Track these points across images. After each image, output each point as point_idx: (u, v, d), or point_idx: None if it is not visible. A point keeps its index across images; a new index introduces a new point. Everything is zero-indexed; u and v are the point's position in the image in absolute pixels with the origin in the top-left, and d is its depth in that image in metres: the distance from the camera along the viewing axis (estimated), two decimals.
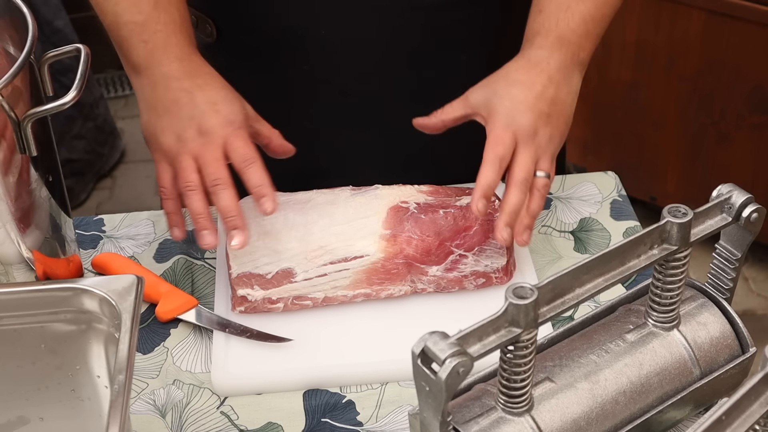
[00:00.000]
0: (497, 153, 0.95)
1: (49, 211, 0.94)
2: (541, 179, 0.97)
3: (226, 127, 0.96)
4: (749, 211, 0.76)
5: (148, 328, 0.99)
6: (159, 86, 0.98)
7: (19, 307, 0.80)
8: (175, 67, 0.99)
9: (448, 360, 0.63)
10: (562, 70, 0.99)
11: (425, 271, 0.98)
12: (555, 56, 0.99)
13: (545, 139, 0.97)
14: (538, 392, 0.74)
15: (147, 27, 0.98)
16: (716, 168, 2.25)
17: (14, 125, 0.84)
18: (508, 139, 0.95)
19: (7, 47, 0.93)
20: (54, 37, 2.41)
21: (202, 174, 0.95)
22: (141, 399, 0.92)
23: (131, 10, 0.98)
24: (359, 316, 0.98)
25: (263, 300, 0.97)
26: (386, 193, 1.01)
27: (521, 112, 0.96)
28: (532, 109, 0.97)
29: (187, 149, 0.96)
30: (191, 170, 0.95)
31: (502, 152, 0.95)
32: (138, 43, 0.99)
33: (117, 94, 3.07)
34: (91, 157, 2.67)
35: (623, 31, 2.19)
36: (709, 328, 0.81)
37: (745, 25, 2.02)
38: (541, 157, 0.97)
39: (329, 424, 0.89)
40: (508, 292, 0.67)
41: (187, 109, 0.97)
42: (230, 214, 0.94)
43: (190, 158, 0.96)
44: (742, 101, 2.12)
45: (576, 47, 1.00)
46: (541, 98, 0.97)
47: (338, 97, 1.14)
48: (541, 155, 0.97)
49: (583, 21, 1.00)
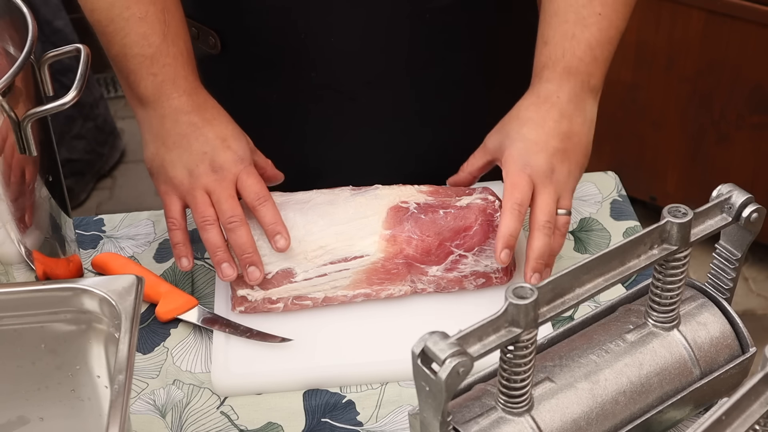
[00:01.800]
0: (515, 199, 0.94)
1: (49, 211, 0.94)
2: (563, 217, 0.96)
3: (238, 164, 0.98)
4: (749, 211, 0.76)
5: (148, 328, 0.99)
6: (168, 119, 0.99)
7: (19, 307, 0.80)
8: (185, 101, 0.99)
9: (448, 360, 0.63)
10: (573, 100, 0.98)
11: (425, 271, 0.98)
12: (565, 88, 0.98)
13: (564, 176, 0.96)
14: (538, 392, 0.74)
15: (156, 60, 0.98)
16: (716, 168, 2.25)
17: (14, 125, 0.84)
18: (524, 183, 0.95)
19: (7, 47, 0.93)
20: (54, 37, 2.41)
21: (215, 209, 0.97)
22: (141, 399, 0.92)
23: (141, 43, 0.98)
24: (359, 316, 0.98)
25: (263, 300, 0.97)
26: (386, 193, 1.01)
27: (535, 153, 0.96)
28: (545, 148, 0.96)
29: (199, 184, 0.97)
30: (207, 205, 0.97)
31: (519, 198, 0.94)
32: (147, 76, 0.99)
33: (117, 94, 3.07)
34: (91, 157, 2.67)
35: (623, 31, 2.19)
36: (709, 328, 0.81)
37: (745, 25, 2.02)
38: (562, 195, 0.96)
39: (329, 424, 0.89)
40: (508, 292, 0.67)
41: (197, 144, 0.98)
42: (247, 252, 0.96)
43: (203, 193, 0.97)
44: (742, 101, 2.12)
45: (585, 75, 0.99)
46: (554, 135, 0.97)
47: (340, 101, 1.14)
48: (562, 192, 0.96)
49: (589, 48, 0.99)
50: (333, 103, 1.14)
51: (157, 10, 0.98)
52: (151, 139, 1.00)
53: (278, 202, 1.00)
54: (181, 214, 0.99)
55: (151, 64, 0.98)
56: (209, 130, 0.99)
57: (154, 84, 0.99)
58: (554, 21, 1.00)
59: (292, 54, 1.11)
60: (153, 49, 0.98)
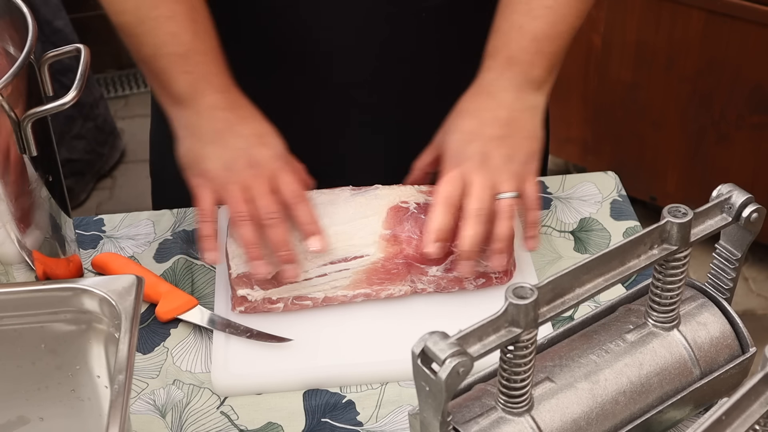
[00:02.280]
0: (444, 193, 0.95)
1: (49, 211, 0.94)
2: (504, 201, 0.96)
3: (275, 161, 0.98)
4: (749, 211, 0.76)
5: (148, 328, 0.99)
6: (203, 116, 0.99)
7: (19, 307, 0.80)
8: (219, 98, 0.99)
9: (448, 360, 0.63)
10: (512, 90, 0.99)
11: (425, 271, 0.98)
12: (505, 76, 1.00)
13: (501, 161, 0.97)
14: (538, 392, 0.74)
15: (189, 58, 0.98)
16: (716, 168, 2.24)
17: (14, 125, 0.84)
18: (455, 176, 0.96)
19: (7, 47, 0.93)
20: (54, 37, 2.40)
21: (252, 205, 0.96)
22: (141, 399, 0.92)
23: (172, 42, 0.98)
24: (359, 316, 0.98)
25: (263, 300, 0.97)
26: (386, 193, 1.01)
27: (468, 143, 0.97)
28: (479, 136, 0.97)
29: (236, 179, 0.97)
30: (242, 200, 0.96)
31: (449, 191, 0.95)
32: (180, 75, 0.99)
33: (117, 94, 3.06)
34: (91, 157, 2.67)
35: (623, 31, 2.19)
36: (709, 328, 0.81)
37: (745, 25, 2.02)
38: (500, 180, 0.96)
39: (329, 424, 0.89)
40: (508, 292, 0.67)
41: (234, 140, 0.98)
42: (284, 249, 0.95)
43: (239, 188, 0.97)
44: (742, 101, 2.12)
45: (527, 65, 1.00)
46: (489, 123, 0.98)
47: (340, 100, 1.14)
48: (500, 177, 0.96)
49: (534, 39, 0.99)
50: (329, 102, 1.14)
51: (184, 9, 0.98)
52: (186, 135, 1.00)
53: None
54: (212, 207, 0.98)
55: (184, 63, 0.98)
56: (245, 127, 0.99)
57: (188, 82, 0.99)
58: (506, 11, 1.01)
59: (288, 53, 1.11)
60: (185, 47, 0.98)
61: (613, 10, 2.18)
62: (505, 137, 0.98)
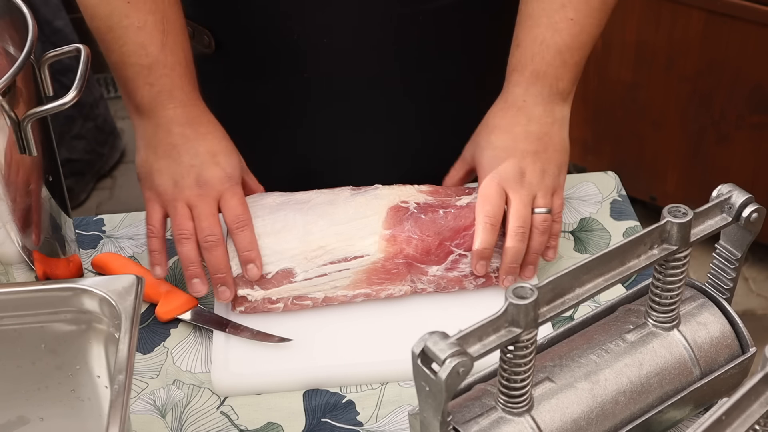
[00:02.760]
0: (486, 212, 0.96)
1: (49, 211, 0.94)
2: (539, 216, 0.97)
3: (224, 182, 0.98)
4: (749, 211, 0.76)
5: (148, 328, 0.99)
6: (161, 129, 0.99)
7: (19, 307, 0.80)
8: (179, 113, 0.99)
9: (448, 360, 0.63)
10: (540, 103, 1.00)
11: (425, 271, 0.98)
12: (531, 91, 1.00)
13: (536, 177, 0.98)
14: (538, 392, 0.74)
15: (153, 70, 0.98)
16: (716, 168, 2.24)
17: (14, 125, 0.84)
18: (494, 193, 0.97)
19: (7, 47, 0.93)
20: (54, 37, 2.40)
21: (196, 223, 0.97)
22: (141, 399, 0.92)
23: (138, 53, 0.98)
24: (359, 316, 0.98)
25: (263, 300, 0.97)
26: (386, 193, 1.01)
27: (503, 160, 0.98)
28: (513, 153, 0.98)
29: (183, 196, 0.97)
30: (186, 218, 0.97)
31: (491, 210, 0.96)
32: (143, 86, 0.99)
33: (117, 94, 3.06)
34: (91, 157, 2.67)
35: (623, 31, 2.19)
36: (709, 328, 0.81)
37: (745, 25, 2.02)
38: (537, 195, 0.98)
39: (329, 424, 0.89)
40: (508, 292, 0.67)
41: (187, 156, 0.98)
42: (220, 272, 0.96)
43: (185, 205, 0.97)
44: (742, 101, 2.12)
45: (553, 79, 1.00)
46: (522, 138, 0.99)
47: (338, 101, 1.14)
48: (537, 193, 0.98)
49: (558, 52, 1.00)
50: (327, 102, 1.14)
51: (156, 19, 0.98)
52: (143, 146, 1.00)
53: (278, 202, 1.00)
54: (161, 223, 0.99)
55: (148, 74, 0.98)
56: (200, 144, 0.99)
57: (150, 94, 0.99)
58: (527, 24, 1.01)
59: (285, 54, 1.11)
60: (150, 59, 0.98)
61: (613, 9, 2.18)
62: (538, 152, 0.99)
